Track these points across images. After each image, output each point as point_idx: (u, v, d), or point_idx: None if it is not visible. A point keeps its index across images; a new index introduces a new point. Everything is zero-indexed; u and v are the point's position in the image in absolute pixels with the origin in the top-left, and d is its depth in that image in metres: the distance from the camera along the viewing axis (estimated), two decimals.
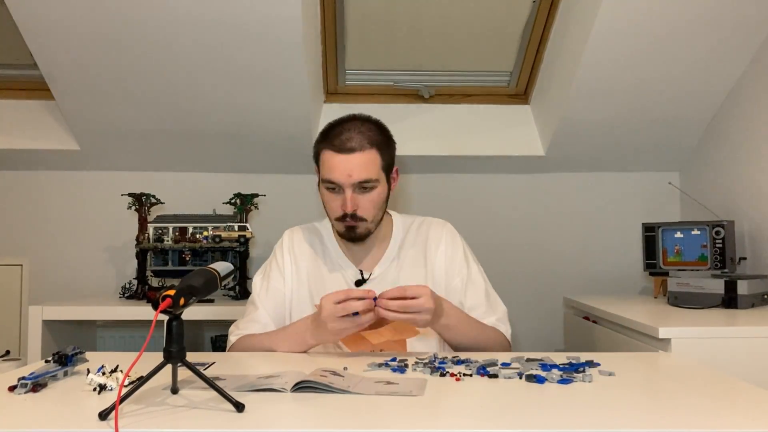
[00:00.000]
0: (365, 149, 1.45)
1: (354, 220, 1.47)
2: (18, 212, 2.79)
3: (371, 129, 1.49)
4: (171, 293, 0.96)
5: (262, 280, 1.60)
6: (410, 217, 1.67)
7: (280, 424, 0.88)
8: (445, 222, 1.66)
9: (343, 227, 1.50)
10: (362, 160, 1.45)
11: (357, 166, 1.44)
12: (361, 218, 1.48)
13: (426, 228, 1.63)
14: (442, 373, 1.15)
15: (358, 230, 1.49)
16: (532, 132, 2.79)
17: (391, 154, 1.53)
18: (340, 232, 1.52)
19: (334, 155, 1.45)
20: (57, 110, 2.59)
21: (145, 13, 2.10)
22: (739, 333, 1.65)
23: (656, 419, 0.89)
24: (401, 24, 2.54)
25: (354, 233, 1.50)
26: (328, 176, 1.46)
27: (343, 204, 1.46)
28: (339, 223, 1.50)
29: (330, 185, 1.47)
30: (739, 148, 2.42)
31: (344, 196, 1.46)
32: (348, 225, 1.49)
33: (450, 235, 1.62)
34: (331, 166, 1.45)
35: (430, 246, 1.60)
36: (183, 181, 2.82)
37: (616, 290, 2.79)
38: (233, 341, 1.53)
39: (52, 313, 2.26)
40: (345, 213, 1.47)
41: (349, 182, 1.44)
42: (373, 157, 1.47)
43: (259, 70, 2.32)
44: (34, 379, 1.02)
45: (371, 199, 1.48)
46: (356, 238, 1.51)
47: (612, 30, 2.19)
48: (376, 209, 1.50)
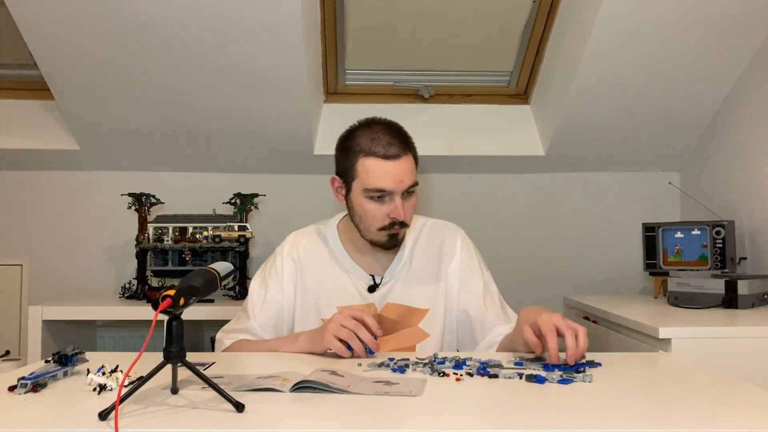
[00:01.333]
0: (407, 153, 1.44)
1: (402, 226, 1.45)
2: (18, 212, 2.79)
3: (400, 131, 1.47)
4: (171, 293, 0.96)
5: (259, 288, 1.56)
6: (422, 218, 1.64)
7: (280, 424, 0.88)
8: (458, 227, 1.63)
9: (386, 236, 1.46)
10: (408, 165, 1.44)
11: (406, 172, 1.42)
12: (405, 224, 1.46)
13: (439, 232, 1.60)
14: (442, 373, 1.15)
15: (399, 237, 1.48)
16: (532, 132, 2.79)
17: (417, 155, 1.51)
18: (380, 241, 1.47)
19: (380, 162, 1.41)
20: (57, 110, 2.59)
21: (146, 13, 2.10)
22: (739, 333, 1.65)
23: (656, 419, 0.89)
24: (401, 24, 2.54)
25: (396, 240, 1.48)
26: (377, 185, 1.41)
27: (393, 212, 1.42)
28: (383, 232, 1.46)
29: (377, 194, 1.42)
30: (739, 148, 2.42)
31: (394, 204, 1.42)
32: (393, 233, 1.46)
33: (464, 241, 1.60)
34: (380, 174, 1.41)
35: (445, 253, 1.57)
36: (183, 181, 2.82)
37: (616, 290, 2.79)
38: (227, 344, 1.50)
39: (52, 313, 2.26)
40: (394, 221, 1.44)
41: (401, 188, 1.42)
42: (412, 161, 1.46)
43: (259, 70, 2.32)
44: (34, 379, 1.02)
45: (413, 203, 1.48)
46: (397, 244, 1.49)
47: (612, 30, 2.19)
48: (414, 212, 1.50)
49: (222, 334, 1.55)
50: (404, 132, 1.49)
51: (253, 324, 1.52)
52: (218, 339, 1.55)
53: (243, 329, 1.53)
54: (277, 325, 1.53)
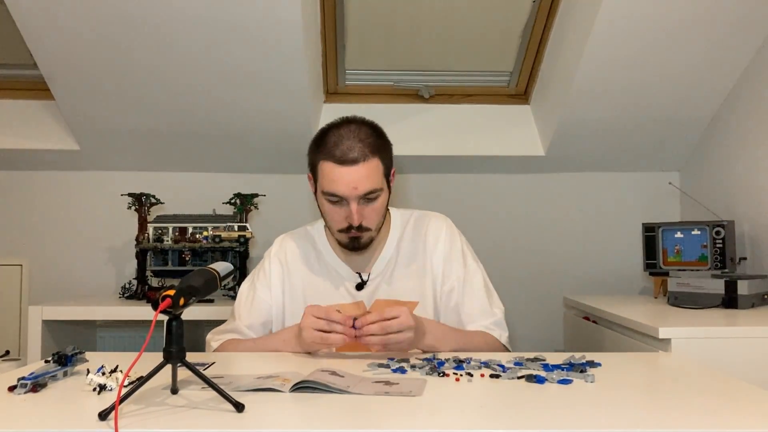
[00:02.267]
0: (368, 159, 1.40)
1: (359, 230, 1.44)
2: (18, 212, 2.79)
3: (369, 135, 1.43)
4: (171, 293, 0.96)
5: (248, 290, 1.57)
6: (408, 211, 1.63)
7: (280, 424, 0.88)
8: (445, 217, 1.62)
9: (346, 238, 1.46)
10: (366, 171, 1.39)
11: (362, 178, 1.39)
12: (366, 228, 1.45)
13: (425, 222, 1.59)
14: (442, 373, 1.15)
15: (362, 240, 1.47)
16: (532, 132, 2.79)
17: (389, 157, 1.48)
18: (343, 243, 1.48)
19: (335, 167, 1.39)
20: (57, 110, 2.59)
21: (146, 14, 2.10)
22: (739, 333, 1.65)
23: (656, 419, 0.89)
24: (401, 24, 2.54)
25: (358, 243, 1.47)
26: (330, 189, 1.40)
27: (348, 216, 1.42)
28: (342, 234, 1.46)
29: (333, 197, 1.42)
30: (739, 148, 2.42)
31: (349, 209, 1.41)
32: (352, 236, 1.45)
33: (449, 231, 1.58)
34: (334, 178, 1.39)
35: (429, 242, 1.56)
36: (183, 181, 2.82)
37: (616, 290, 2.79)
38: (215, 347, 1.51)
39: (52, 313, 2.26)
40: (350, 225, 1.43)
41: (354, 195, 1.39)
42: (376, 166, 1.42)
43: (259, 71, 2.32)
44: (33, 379, 1.02)
45: (375, 208, 1.44)
46: (360, 247, 1.48)
47: (612, 30, 2.19)
48: (379, 217, 1.47)
49: (211, 336, 1.56)
50: (378, 134, 1.46)
51: (240, 324, 1.53)
52: (207, 341, 1.56)
53: (231, 330, 1.54)
54: (266, 326, 1.54)
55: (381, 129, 1.49)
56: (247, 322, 1.54)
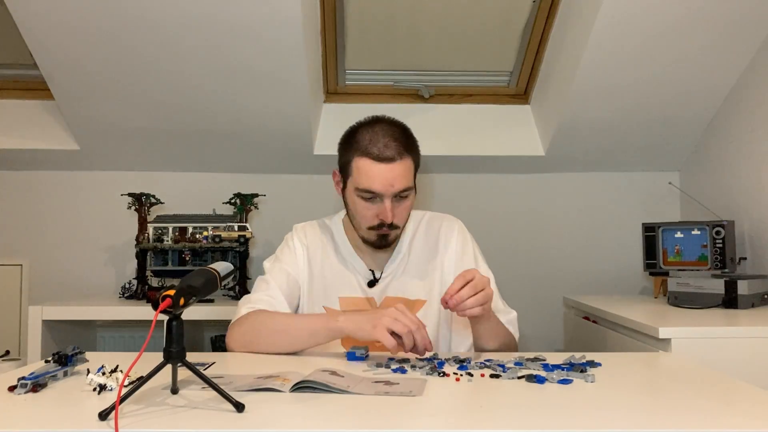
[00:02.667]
0: (403, 157, 1.43)
1: (390, 228, 1.46)
2: (18, 212, 2.79)
3: (403, 134, 1.46)
4: (171, 293, 0.96)
5: (273, 262, 1.55)
6: (420, 212, 1.66)
7: (280, 424, 0.88)
8: (456, 219, 1.64)
9: (375, 236, 1.47)
10: (402, 170, 1.42)
11: (398, 176, 1.42)
12: (396, 226, 1.46)
13: (437, 224, 1.62)
14: (442, 373, 1.15)
15: (389, 238, 1.48)
16: (532, 132, 2.79)
17: (419, 158, 1.51)
18: (370, 239, 1.49)
19: (373, 164, 1.41)
20: (57, 110, 2.59)
21: (146, 14, 2.10)
22: (739, 333, 1.65)
23: (656, 419, 0.89)
24: (401, 24, 2.54)
25: (385, 241, 1.48)
26: (367, 186, 1.42)
27: (381, 213, 1.43)
28: (372, 231, 1.47)
29: (367, 194, 1.43)
30: (739, 148, 2.42)
31: (383, 206, 1.43)
32: (382, 234, 1.46)
33: (461, 233, 1.61)
34: (372, 175, 1.41)
35: (441, 243, 1.59)
36: (183, 181, 2.82)
37: (616, 290, 2.79)
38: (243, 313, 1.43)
39: (52, 313, 2.26)
40: (382, 223, 1.44)
41: (390, 192, 1.42)
42: (409, 165, 1.45)
43: (259, 70, 2.32)
44: (34, 379, 1.02)
45: (406, 206, 1.47)
46: (387, 245, 1.50)
47: (612, 30, 2.19)
48: (407, 215, 1.50)
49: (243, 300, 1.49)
50: (408, 135, 1.49)
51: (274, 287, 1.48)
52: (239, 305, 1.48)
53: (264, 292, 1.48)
54: (292, 294, 1.51)
55: (410, 130, 1.52)
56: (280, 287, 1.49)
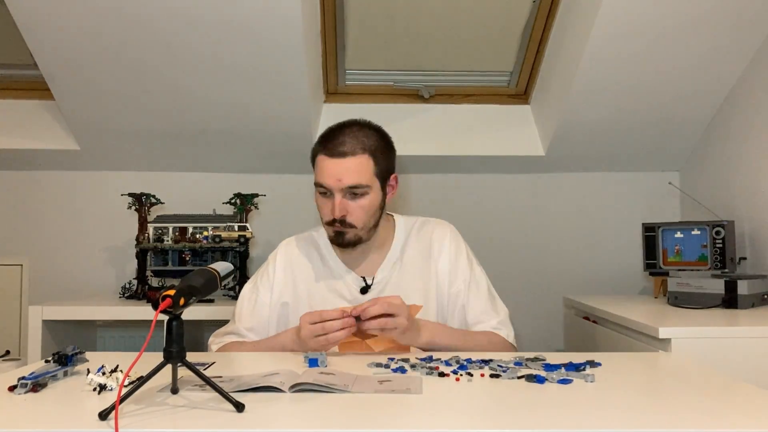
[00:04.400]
0: (357, 154, 1.44)
1: (343, 225, 1.47)
2: (18, 212, 2.79)
3: (368, 135, 1.48)
4: (171, 293, 0.96)
5: (250, 292, 1.58)
6: (412, 218, 1.66)
7: (280, 424, 0.88)
8: (448, 223, 1.65)
9: (332, 232, 1.50)
10: (354, 165, 1.44)
11: (346, 171, 1.43)
12: (351, 224, 1.47)
13: (429, 229, 1.62)
14: (442, 373, 1.15)
15: (346, 236, 1.49)
16: (532, 132, 2.79)
17: (388, 161, 1.51)
18: (330, 237, 1.52)
19: (325, 159, 1.45)
20: (57, 110, 2.59)
21: (145, 14, 2.10)
22: (739, 333, 1.65)
23: (656, 419, 0.89)
24: (401, 24, 2.54)
25: (342, 239, 1.49)
26: (319, 180, 1.47)
27: (333, 209, 1.45)
28: (329, 227, 1.50)
29: (321, 189, 1.47)
30: (739, 148, 2.42)
31: (332, 201, 1.45)
32: (337, 230, 1.48)
33: (453, 237, 1.61)
34: (322, 169, 1.46)
35: (434, 248, 1.59)
36: (183, 181, 2.82)
37: (616, 290, 2.79)
38: (215, 350, 1.53)
39: (52, 313, 2.26)
40: (334, 218, 1.46)
41: (338, 186, 1.44)
42: (365, 163, 1.45)
43: (259, 70, 2.32)
44: (34, 379, 1.02)
45: (361, 205, 1.47)
46: (344, 243, 1.50)
47: (612, 30, 2.19)
48: (367, 216, 1.48)
49: (212, 339, 1.58)
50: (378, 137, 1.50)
51: (241, 327, 1.54)
52: (208, 344, 1.57)
53: (231, 332, 1.56)
54: (268, 329, 1.55)
55: (385, 133, 1.53)
56: (248, 324, 1.55)
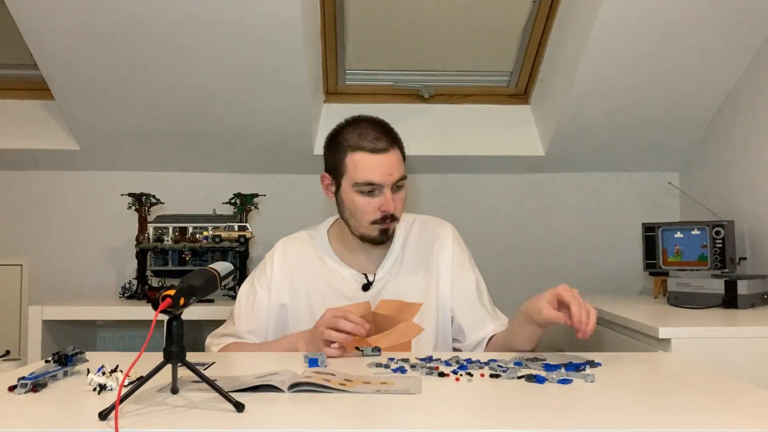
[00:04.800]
0: (394, 147, 1.46)
1: (392, 220, 1.47)
2: (18, 212, 2.79)
3: (387, 128, 1.49)
4: (171, 293, 0.96)
5: (248, 293, 1.58)
6: (411, 215, 1.65)
7: (280, 424, 0.88)
8: (448, 223, 1.64)
9: (378, 230, 1.48)
10: (396, 159, 1.45)
11: (395, 165, 1.44)
12: (396, 217, 1.48)
13: (431, 227, 1.61)
14: (442, 373, 1.15)
15: (390, 231, 1.49)
16: (532, 132, 2.79)
17: (404, 151, 1.53)
18: (372, 235, 1.49)
19: (369, 156, 1.43)
20: (57, 110, 2.59)
21: (146, 13, 2.10)
22: (739, 333, 1.65)
23: (656, 419, 0.89)
24: (401, 24, 2.54)
25: (386, 234, 1.49)
26: (366, 178, 1.43)
27: (384, 205, 1.44)
28: (375, 226, 1.47)
29: (367, 188, 1.44)
30: (739, 148, 2.42)
31: (384, 197, 1.44)
32: (385, 227, 1.47)
33: (455, 238, 1.61)
34: (369, 167, 1.42)
35: (435, 247, 1.58)
36: (183, 181, 2.82)
37: (616, 290, 2.79)
38: (214, 351, 1.52)
39: (52, 313, 2.26)
40: (385, 214, 1.45)
41: (390, 181, 1.43)
42: (400, 155, 1.48)
43: (259, 70, 2.32)
44: (34, 379, 1.02)
45: (402, 197, 1.49)
46: (388, 239, 1.51)
47: (612, 30, 2.19)
48: (403, 206, 1.51)
49: (210, 340, 1.57)
50: (390, 128, 1.51)
51: (239, 329, 1.54)
52: (206, 345, 1.57)
53: (229, 334, 1.54)
54: (266, 332, 1.54)
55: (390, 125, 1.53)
56: (247, 326, 1.54)
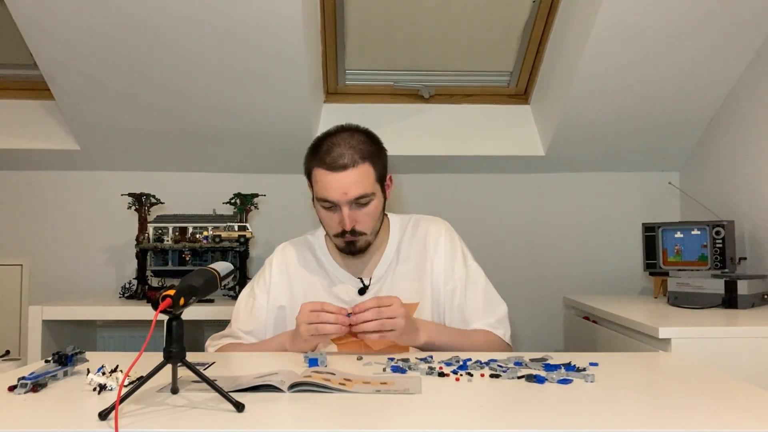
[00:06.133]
0: (358, 164, 1.43)
1: (353, 235, 1.47)
2: (18, 212, 2.79)
3: (361, 141, 1.46)
4: (171, 293, 0.96)
5: (247, 296, 1.59)
6: (406, 216, 1.66)
7: (280, 424, 0.88)
8: (442, 220, 1.65)
9: (342, 243, 1.49)
10: (356, 177, 1.43)
11: (352, 183, 1.42)
12: (361, 232, 1.47)
13: (423, 226, 1.62)
14: (441, 373, 1.15)
15: (358, 244, 1.49)
16: (532, 132, 2.79)
17: (383, 163, 1.51)
18: (340, 247, 1.51)
19: (326, 173, 1.43)
20: (57, 110, 2.59)
21: (146, 14, 2.10)
22: (739, 333, 1.65)
23: (656, 419, 0.89)
24: (401, 24, 2.54)
25: (354, 247, 1.49)
26: (323, 195, 1.44)
27: (341, 221, 1.45)
28: (338, 239, 1.49)
29: (326, 203, 1.45)
30: (739, 148, 2.42)
31: (341, 214, 1.44)
32: (348, 240, 1.48)
33: (448, 234, 1.61)
34: (325, 184, 1.43)
35: (429, 246, 1.59)
36: (183, 181, 2.82)
37: (616, 290, 2.79)
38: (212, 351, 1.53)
39: (52, 313, 2.26)
40: (344, 230, 1.46)
41: (345, 200, 1.43)
42: (367, 171, 1.45)
43: (259, 70, 2.32)
44: (34, 379, 1.02)
45: (368, 212, 1.47)
46: (357, 251, 1.51)
47: (612, 30, 2.19)
48: (374, 221, 1.49)
49: (209, 341, 1.58)
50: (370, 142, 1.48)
51: (238, 330, 1.55)
52: (206, 347, 1.58)
53: (228, 335, 1.56)
54: (264, 334, 1.55)
55: (375, 136, 1.52)
56: (246, 328, 1.55)
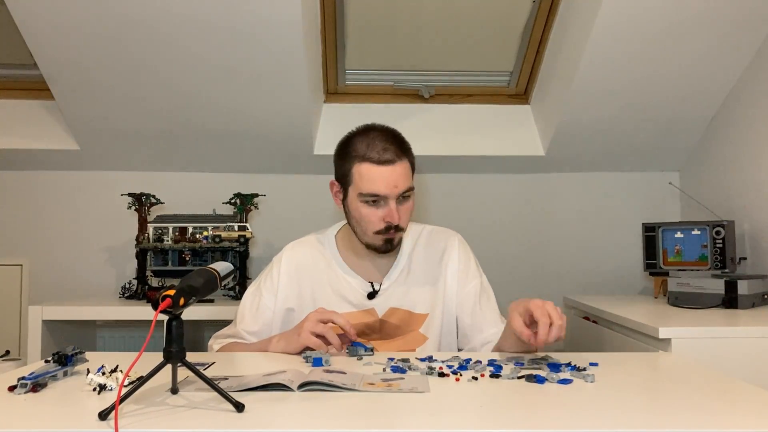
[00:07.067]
0: (402, 159, 1.45)
1: (396, 231, 1.47)
2: (18, 212, 2.79)
3: (397, 138, 1.48)
4: (171, 293, 0.96)
5: (253, 295, 1.58)
6: (419, 225, 1.65)
7: (281, 424, 0.88)
8: (456, 233, 1.65)
9: (382, 240, 1.48)
10: (402, 170, 1.45)
11: (400, 177, 1.44)
12: (401, 228, 1.48)
13: (438, 238, 1.62)
14: (442, 374, 1.15)
15: (394, 241, 1.49)
16: (532, 132, 2.79)
17: (414, 160, 1.53)
18: (376, 244, 1.49)
19: (374, 167, 1.43)
20: (57, 110, 2.59)
21: (146, 14, 2.10)
22: (739, 333, 1.65)
23: (656, 419, 0.89)
24: (401, 24, 2.54)
25: (391, 245, 1.49)
26: (371, 189, 1.43)
27: (388, 216, 1.44)
28: (379, 236, 1.48)
29: (372, 198, 1.44)
30: (739, 148, 2.42)
31: (388, 208, 1.44)
32: (389, 237, 1.47)
33: (462, 247, 1.62)
34: (374, 178, 1.43)
35: (443, 257, 1.59)
36: (183, 181, 2.82)
37: (616, 290, 2.79)
38: (216, 349, 1.53)
39: (52, 313, 2.26)
40: (389, 225, 1.45)
41: (394, 193, 1.43)
42: (407, 166, 1.48)
43: (259, 70, 2.32)
44: (34, 379, 1.02)
45: (409, 207, 1.49)
46: (392, 248, 1.51)
47: (612, 30, 2.19)
48: (410, 216, 1.51)
49: (213, 340, 1.58)
50: (401, 138, 1.50)
51: (241, 330, 1.54)
52: (209, 345, 1.58)
53: (232, 334, 1.56)
54: (269, 333, 1.54)
55: (402, 134, 1.53)
56: (250, 328, 1.54)
